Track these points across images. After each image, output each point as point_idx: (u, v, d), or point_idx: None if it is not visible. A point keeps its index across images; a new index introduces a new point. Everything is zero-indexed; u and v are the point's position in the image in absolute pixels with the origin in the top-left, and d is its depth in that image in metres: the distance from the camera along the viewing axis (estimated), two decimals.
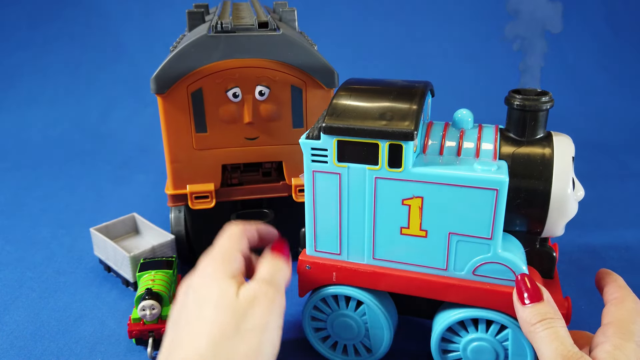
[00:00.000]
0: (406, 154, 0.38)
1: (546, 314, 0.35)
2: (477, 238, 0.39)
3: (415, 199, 0.40)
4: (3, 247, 0.69)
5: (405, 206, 0.40)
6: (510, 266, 0.39)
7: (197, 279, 0.39)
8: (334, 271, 0.44)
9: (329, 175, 0.41)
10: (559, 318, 0.35)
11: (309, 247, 0.45)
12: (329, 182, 0.41)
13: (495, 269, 0.40)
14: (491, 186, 0.37)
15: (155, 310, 0.48)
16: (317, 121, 0.43)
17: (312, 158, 0.41)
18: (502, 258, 0.39)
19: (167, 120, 0.54)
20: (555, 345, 0.33)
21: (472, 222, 0.39)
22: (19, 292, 0.59)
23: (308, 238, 0.45)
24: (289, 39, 0.54)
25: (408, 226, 0.41)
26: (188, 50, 0.52)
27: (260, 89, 0.54)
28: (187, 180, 0.57)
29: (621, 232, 0.71)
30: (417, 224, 0.41)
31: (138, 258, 0.56)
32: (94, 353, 0.49)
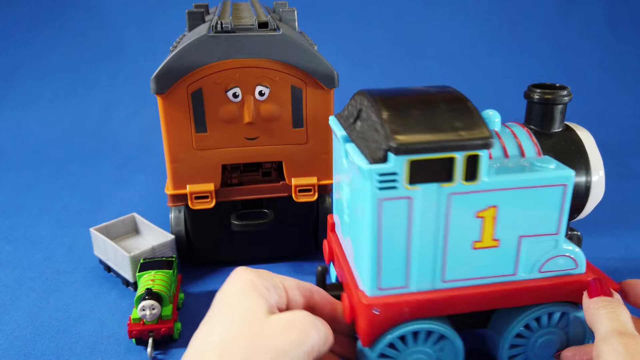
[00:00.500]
0: (483, 164, 0.36)
1: (612, 301, 0.36)
2: (545, 236, 0.39)
3: (489, 209, 0.38)
4: (3, 247, 0.69)
5: (478, 219, 0.38)
6: (573, 256, 0.40)
7: (227, 290, 0.36)
8: (405, 307, 0.38)
9: (398, 201, 0.36)
10: (625, 309, 0.36)
11: (371, 288, 0.38)
12: (398, 209, 0.36)
13: (560, 262, 0.40)
14: (561, 182, 0.38)
15: (155, 310, 0.48)
16: (367, 143, 0.37)
17: (380, 185, 0.35)
18: (566, 250, 0.40)
19: (167, 120, 0.54)
20: (614, 324, 0.34)
21: (541, 220, 0.39)
22: (19, 292, 0.59)
23: (369, 277, 0.38)
24: (289, 39, 0.54)
25: (481, 239, 0.39)
26: (188, 50, 0.52)
27: (260, 89, 0.54)
28: (187, 180, 0.57)
29: (621, 232, 0.71)
30: (490, 235, 0.39)
31: (138, 258, 0.56)
32: (93, 353, 0.49)
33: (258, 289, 0.35)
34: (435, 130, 0.35)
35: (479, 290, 0.40)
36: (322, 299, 0.40)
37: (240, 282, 0.35)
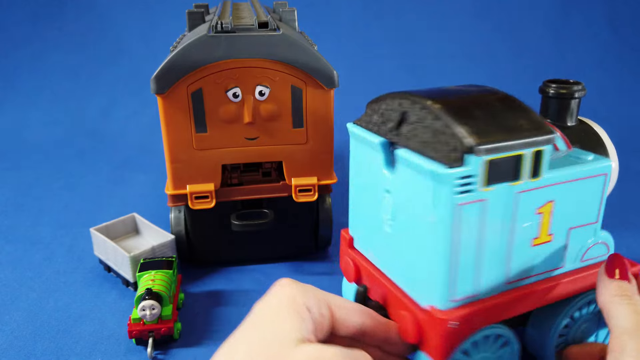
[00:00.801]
0: (546, 160, 0.36)
1: (630, 291, 0.36)
2: (588, 225, 0.40)
3: (547, 204, 0.38)
4: (3, 247, 0.69)
5: (538, 215, 0.38)
6: (606, 241, 0.42)
7: (265, 305, 0.34)
8: (479, 316, 0.37)
9: (474, 204, 0.34)
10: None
11: (444, 301, 0.36)
12: (473, 213, 0.34)
13: (597, 250, 0.42)
14: (602, 172, 0.39)
15: (155, 310, 0.48)
16: (430, 146, 0.35)
17: (459, 189, 0.33)
18: (602, 237, 0.42)
19: (167, 120, 0.54)
20: (638, 319, 0.33)
21: (585, 210, 0.40)
22: (19, 292, 0.59)
23: (441, 290, 0.36)
24: (289, 39, 0.54)
25: (539, 235, 0.38)
26: (188, 50, 0.52)
27: (261, 89, 0.54)
28: (187, 180, 0.57)
29: (621, 232, 0.71)
30: (546, 230, 0.38)
31: (138, 258, 0.56)
32: (93, 353, 0.49)
33: (298, 308, 0.32)
34: (505, 129, 0.35)
35: (537, 287, 0.39)
36: (373, 320, 0.37)
37: (280, 298, 0.33)
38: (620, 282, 0.37)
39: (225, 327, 0.53)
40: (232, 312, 0.55)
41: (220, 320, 0.54)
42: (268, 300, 0.34)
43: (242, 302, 0.56)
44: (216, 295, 0.58)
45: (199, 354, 0.49)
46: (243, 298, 0.57)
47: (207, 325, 0.53)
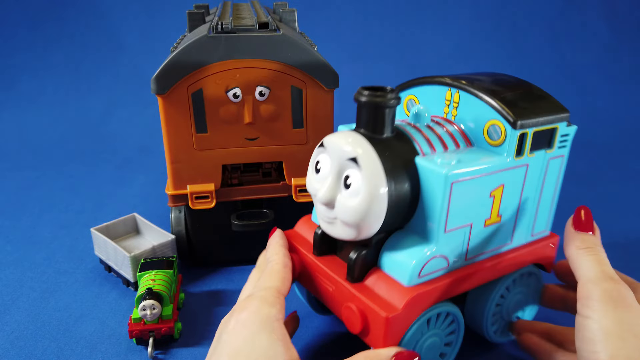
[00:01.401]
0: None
1: (594, 244, 0.39)
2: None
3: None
4: (4, 247, 0.69)
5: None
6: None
7: (232, 329, 0.37)
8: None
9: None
10: (604, 251, 0.39)
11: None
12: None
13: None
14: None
15: (155, 310, 0.48)
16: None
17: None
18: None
19: (167, 120, 0.54)
20: (603, 268, 0.37)
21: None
22: (20, 292, 0.59)
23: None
24: (289, 40, 0.54)
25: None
26: (188, 50, 0.52)
27: (261, 89, 0.55)
28: (188, 181, 0.57)
29: (621, 232, 0.71)
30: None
31: (138, 258, 0.56)
32: (94, 353, 0.49)
33: (263, 316, 0.37)
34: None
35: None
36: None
37: (244, 313, 0.37)
38: (585, 235, 0.40)
39: None
40: None
41: (220, 319, 0.54)
42: (242, 321, 0.37)
43: None
44: (216, 295, 0.58)
45: (199, 353, 0.49)
46: None
47: (207, 325, 0.53)
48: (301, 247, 0.46)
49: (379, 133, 0.39)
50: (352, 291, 0.40)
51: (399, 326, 0.38)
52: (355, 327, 0.39)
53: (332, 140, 0.39)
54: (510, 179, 0.41)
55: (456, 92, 0.44)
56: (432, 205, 0.38)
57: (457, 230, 0.40)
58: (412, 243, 0.40)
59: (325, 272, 0.43)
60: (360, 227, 0.37)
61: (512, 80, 0.46)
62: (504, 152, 0.41)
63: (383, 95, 0.38)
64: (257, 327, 0.36)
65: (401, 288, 0.39)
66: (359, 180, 0.37)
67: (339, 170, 0.38)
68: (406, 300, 0.37)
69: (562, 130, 0.43)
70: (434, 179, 0.38)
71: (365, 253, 0.40)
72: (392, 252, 0.40)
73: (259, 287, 0.40)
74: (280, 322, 0.37)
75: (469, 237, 0.41)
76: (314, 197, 0.41)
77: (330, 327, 0.53)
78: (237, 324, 0.36)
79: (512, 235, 0.45)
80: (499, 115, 0.41)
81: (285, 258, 0.43)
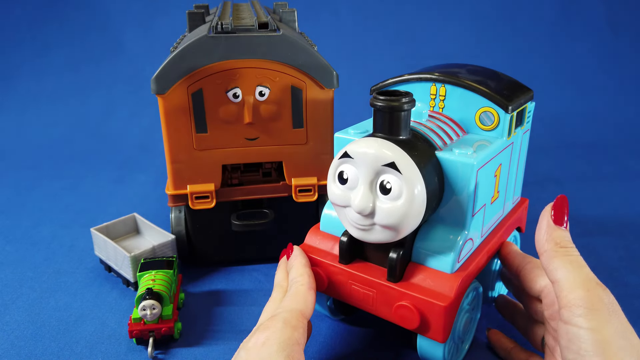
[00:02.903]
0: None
1: (570, 243, 0.37)
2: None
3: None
4: (3, 247, 0.69)
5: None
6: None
7: (252, 346, 0.36)
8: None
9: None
10: (577, 250, 0.38)
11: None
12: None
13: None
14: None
15: (155, 310, 0.48)
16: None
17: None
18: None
19: (167, 120, 0.54)
20: (586, 271, 0.35)
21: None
22: (20, 292, 0.59)
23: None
24: (289, 40, 0.54)
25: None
26: (188, 50, 0.52)
27: (261, 89, 0.55)
28: (188, 181, 0.57)
29: (621, 232, 0.71)
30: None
31: (138, 258, 0.56)
32: (94, 353, 0.49)
33: (285, 343, 0.36)
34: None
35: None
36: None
37: (266, 341, 0.37)
38: (562, 231, 0.37)
39: (226, 326, 0.53)
40: (232, 312, 0.55)
41: (220, 319, 0.54)
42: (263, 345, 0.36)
43: (242, 302, 0.57)
44: (216, 295, 0.58)
45: (199, 353, 0.49)
46: (243, 298, 0.57)
47: (208, 325, 0.53)
48: (324, 259, 0.46)
49: (398, 135, 0.40)
50: (401, 290, 0.41)
51: (453, 312, 0.40)
52: (413, 323, 0.40)
53: (360, 149, 0.39)
54: (505, 158, 0.46)
55: (441, 86, 0.47)
56: (462, 193, 0.41)
57: (479, 212, 0.44)
58: (445, 232, 0.42)
59: (363, 277, 0.43)
60: (401, 228, 0.39)
61: (481, 69, 0.50)
62: (498, 135, 0.45)
63: (398, 99, 0.39)
64: (275, 348, 0.35)
65: (447, 276, 0.41)
66: (398, 184, 0.38)
67: (373, 177, 0.39)
68: (456, 286, 0.40)
69: (530, 107, 0.50)
70: (462, 170, 0.40)
71: (403, 251, 0.42)
72: (428, 245, 0.42)
73: (284, 308, 0.39)
74: (300, 346, 0.37)
75: (484, 216, 0.45)
76: (340, 207, 0.41)
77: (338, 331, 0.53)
78: (258, 342, 0.36)
79: (503, 206, 0.50)
80: (490, 102, 0.45)
81: (311, 279, 0.43)
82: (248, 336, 0.38)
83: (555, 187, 0.87)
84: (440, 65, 0.51)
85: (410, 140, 0.41)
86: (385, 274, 0.43)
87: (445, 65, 0.51)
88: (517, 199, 0.55)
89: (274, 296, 0.44)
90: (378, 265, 0.44)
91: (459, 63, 0.52)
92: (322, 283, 0.46)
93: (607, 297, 0.34)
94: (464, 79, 0.46)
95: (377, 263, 0.44)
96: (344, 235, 0.44)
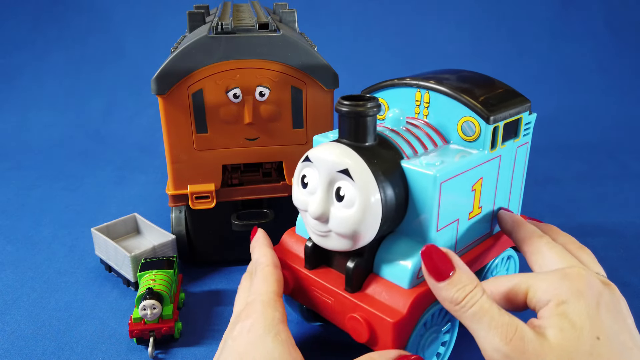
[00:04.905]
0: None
1: (464, 287, 0.33)
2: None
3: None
4: (4, 247, 0.69)
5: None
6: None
7: (237, 334, 0.37)
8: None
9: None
10: (477, 284, 0.34)
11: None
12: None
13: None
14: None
15: (156, 309, 0.49)
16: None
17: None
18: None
19: (167, 120, 0.54)
20: (488, 324, 0.31)
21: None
22: (20, 292, 0.59)
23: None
24: (289, 40, 0.54)
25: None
26: (189, 51, 0.52)
27: (261, 89, 0.55)
28: (188, 181, 0.57)
29: (621, 232, 0.71)
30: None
31: (139, 258, 0.57)
32: (94, 353, 0.49)
33: (267, 323, 0.37)
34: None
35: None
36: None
37: (247, 323, 0.37)
38: (448, 283, 0.34)
39: (226, 326, 0.52)
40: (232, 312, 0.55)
41: (220, 319, 0.54)
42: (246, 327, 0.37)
43: None
44: (216, 294, 0.58)
45: (200, 353, 0.49)
46: None
47: (208, 325, 0.53)
48: (292, 263, 0.46)
49: (363, 141, 0.39)
50: (354, 301, 0.40)
51: (405, 330, 0.38)
52: (362, 336, 0.39)
53: (319, 153, 0.38)
54: (487, 171, 0.43)
55: (426, 92, 0.45)
56: (424, 206, 0.39)
57: (447, 227, 0.41)
58: (406, 245, 0.40)
59: (323, 285, 0.42)
60: (356, 237, 0.37)
61: (475, 76, 0.48)
62: (479, 146, 0.42)
63: (364, 105, 0.37)
64: (262, 331, 0.36)
65: (403, 291, 0.39)
66: (351, 191, 0.36)
67: (329, 183, 0.38)
68: (410, 303, 0.38)
69: (526, 119, 0.46)
70: (423, 181, 0.38)
71: (362, 261, 0.40)
72: (388, 257, 0.40)
73: (257, 292, 0.39)
74: (284, 324, 0.37)
75: (456, 232, 0.42)
76: (302, 211, 0.40)
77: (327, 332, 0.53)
78: (243, 329, 0.36)
79: (491, 223, 0.47)
80: (472, 112, 0.42)
81: (274, 258, 0.43)
82: (229, 326, 0.39)
83: (554, 187, 0.87)
84: (436, 70, 0.49)
85: (373, 147, 0.39)
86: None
87: (440, 70, 0.49)
88: None
89: (242, 284, 0.44)
90: (341, 273, 0.43)
91: (457, 69, 0.50)
92: (287, 286, 0.44)
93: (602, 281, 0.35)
94: (448, 86, 0.43)
95: (340, 271, 0.43)
96: (309, 240, 0.44)
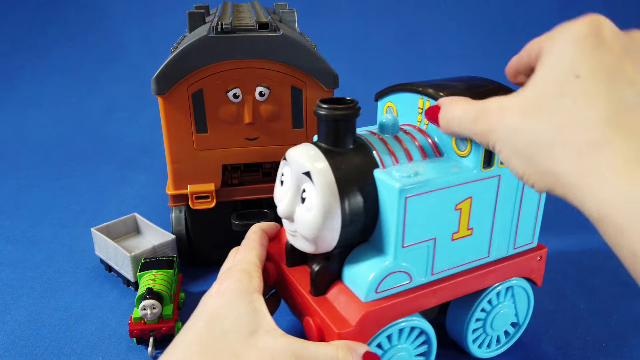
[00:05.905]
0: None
1: None
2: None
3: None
4: (4, 247, 0.69)
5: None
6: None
7: (213, 294, 0.38)
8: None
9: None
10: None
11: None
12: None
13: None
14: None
15: (156, 309, 0.49)
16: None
17: None
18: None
19: (167, 120, 0.54)
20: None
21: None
22: (20, 291, 0.59)
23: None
24: (289, 40, 0.54)
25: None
26: (189, 51, 0.52)
27: (261, 89, 0.55)
28: (188, 181, 0.57)
29: None
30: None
31: (139, 258, 0.57)
32: (94, 352, 0.49)
33: (244, 290, 0.38)
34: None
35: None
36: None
37: (227, 291, 0.38)
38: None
39: None
40: None
41: None
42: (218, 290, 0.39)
43: None
44: None
45: None
46: None
47: None
48: (278, 258, 0.46)
49: (339, 146, 0.38)
50: (313, 304, 0.39)
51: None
52: (313, 340, 0.38)
53: (292, 153, 0.38)
54: (479, 191, 0.39)
55: (427, 99, 0.42)
56: (388, 219, 0.37)
57: (418, 245, 0.38)
58: (371, 257, 0.39)
59: (294, 283, 0.42)
60: (316, 240, 0.37)
61: (487, 84, 0.43)
62: (471, 162, 0.38)
63: (341, 108, 0.37)
64: (236, 295, 0.37)
65: (358, 303, 0.37)
66: (312, 195, 0.36)
67: (297, 184, 0.38)
68: (360, 316, 0.36)
69: None
70: (388, 193, 0.36)
71: (327, 266, 0.40)
72: (352, 266, 0.39)
73: (239, 261, 0.41)
74: (259, 293, 0.38)
75: (433, 251, 0.39)
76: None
77: None
78: (218, 291, 0.38)
79: (488, 248, 0.43)
80: None
81: (262, 237, 0.45)
82: (211, 287, 0.40)
83: None
84: (452, 77, 0.45)
85: (346, 152, 0.38)
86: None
87: (455, 78, 0.45)
88: (528, 244, 0.45)
89: (231, 253, 0.46)
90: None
91: (472, 76, 0.45)
92: (268, 277, 0.45)
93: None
94: (448, 94, 0.39)
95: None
96: None
